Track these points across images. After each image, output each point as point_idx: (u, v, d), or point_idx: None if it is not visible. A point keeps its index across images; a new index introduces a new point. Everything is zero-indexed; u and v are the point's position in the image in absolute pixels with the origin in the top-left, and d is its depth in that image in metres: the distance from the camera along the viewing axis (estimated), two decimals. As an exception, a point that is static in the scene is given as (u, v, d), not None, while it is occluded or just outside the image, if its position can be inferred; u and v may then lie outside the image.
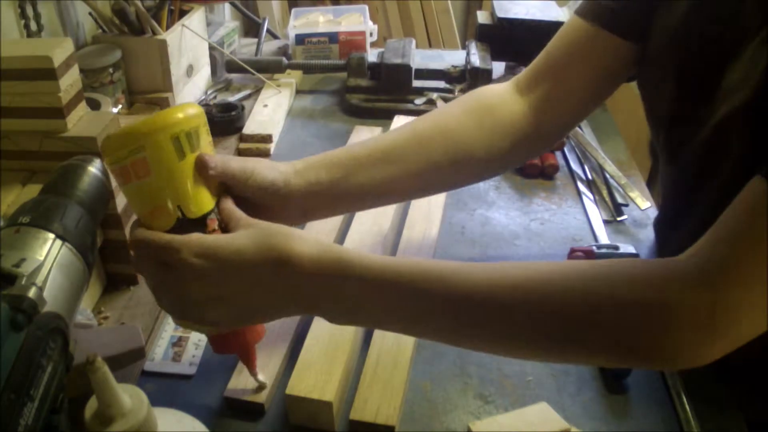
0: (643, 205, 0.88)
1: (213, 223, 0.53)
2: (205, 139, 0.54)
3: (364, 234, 0.78)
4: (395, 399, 0.61)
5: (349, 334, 0.65)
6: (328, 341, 0.65)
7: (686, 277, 0.46)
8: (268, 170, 0.58)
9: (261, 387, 0.62)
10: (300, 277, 0.50)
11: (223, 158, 0.55)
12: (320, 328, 0.66)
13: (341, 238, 0.80)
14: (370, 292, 0.51)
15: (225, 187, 0.56)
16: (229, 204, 0.55)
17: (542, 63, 0.72)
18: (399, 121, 1.01)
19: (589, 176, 0.96)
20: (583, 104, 0.72)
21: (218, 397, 0.64)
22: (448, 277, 0.50)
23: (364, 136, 1.00)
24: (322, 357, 0.63)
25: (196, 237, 0.50)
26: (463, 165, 0.68)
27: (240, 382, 0.63)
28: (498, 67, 1.19)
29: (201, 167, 0.53)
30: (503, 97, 0.72)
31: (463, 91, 1.12)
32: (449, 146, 0.67)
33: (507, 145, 0.69)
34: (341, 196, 0.62)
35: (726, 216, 0.47)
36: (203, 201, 0.53)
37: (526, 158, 0.86)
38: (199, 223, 0.53)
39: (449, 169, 0.67)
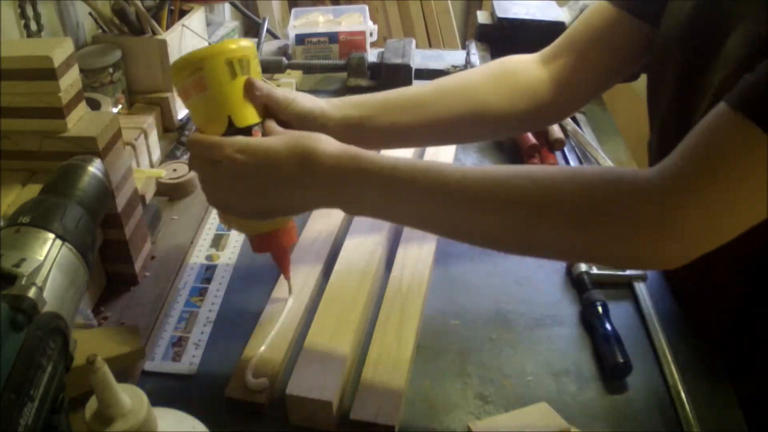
0: None
1: (257, 133, 0.62)
2: (255, 69, 0.64)
3: (365, 231, 0.78)
4: (395, 399, 0.61)
5: (349, 334, 0.66)
6: (328, 341, 0.65)
7: (647, 185, 0.51)
8: (307, 100, 0.67)
9: (261, 385, 0.62)
10: (321, 169, 0.57)
11: (269, 85, 0.65)
12: (320, 327, 0.66)
13: (343, 233, 0.80)
14: (379, 187, 0.57)
15: (270, 110, 0.65)
16: (271, 121, 0.64)
17: (565, 38, 0.77)
18: None
19: (589, 176, 0.96)
20: (600, 80, 0.77)
21: (218, 397, 0.64)
22: (446, 174, 0.56)
23: None
24: (322, 357, 0.63)
25: (238, 137, 0.60)
26: (481, 119, 0.74)
27: (241, 381, 0.63)
28: (498, 67, 1.19)
29: (249, 88, 0.62)
30: (527, 64, 0.77)
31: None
32: (469, 100, 0.73)
33: (524, 106, 0.75)
34: (369, 133, 0.70)
35: (688, 136, 0.51)
36: (249, 115, 0.63)
37: (542, 124, 0.90)
38: (245, 132, 0.62)
39: (467, 122, 0.74)
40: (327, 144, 0.59)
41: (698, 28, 0.62)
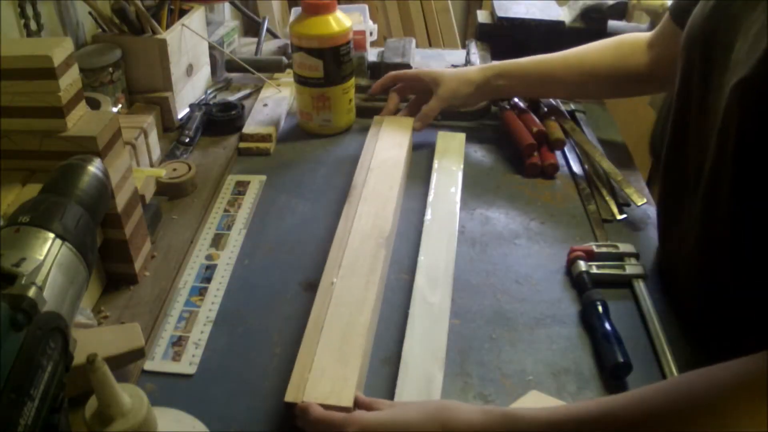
0: (639, 201, 0.88)
1: None
2: None
3: (365, 235, 0.78)
4: None
5: (360, 337, 0.65)
6: (339, 346, 0.64)
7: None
8: (452, 82, 0.99)
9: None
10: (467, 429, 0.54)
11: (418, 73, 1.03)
12: (331, 332, 0.66)
13: (344, 239, 0.80)
14: None
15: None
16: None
17: (655, 33, 0.93)
18: (379, 121, 1.02)
19: (590, 176, 0.96)
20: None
21: (218, 397, 0.64)
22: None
23: (390, 128, 1.01)
24: (336, 362, 0.62)
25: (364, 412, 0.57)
26: (600, 83, 0.98)
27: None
28: (498, 67, 1.19)
29: None
30: (640, 44, 0.94)
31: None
32: (593, 70, 0.96)
33: (629, 73, 0.94)
34: (507, 96, 1.06)
35: None
36: None
37: (639, 91, 1.04)
38: None
39: (590, 87, 0.99)
40: (464, 406, 0.56)
41: (711, 30, 0.63)
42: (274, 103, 1.13)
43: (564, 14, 1.18)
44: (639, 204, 0.88)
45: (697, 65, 0.66)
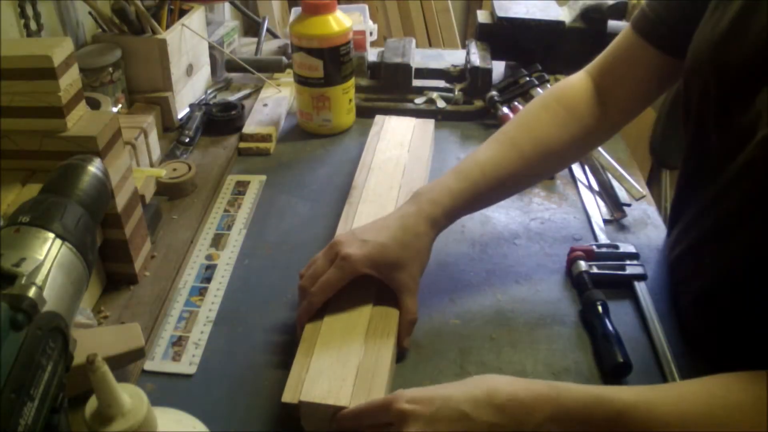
0: (637, 195, 0.88)
1: None
2: None
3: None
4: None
5: (359, 336, 0.65)
6: (338, 347, 0.64)
7: None
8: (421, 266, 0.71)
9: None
10: (513, 400, 0.54)
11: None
12: (330, 333, 0.66)
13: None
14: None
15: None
16: None
17: (601, 60, 0.79)
18: (379, 121, 1.03)
19: (589, 176, 0.96)
20: (631, 104, 0.77)
21: (218, 397, 0.64)
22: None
23: (393, 125, 1.01)
24: (334, 363, 0.62)
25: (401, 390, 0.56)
26: (550, 163, 0.79)
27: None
28: (498, 67, 1.19)
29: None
30: (577, 91, 0.78)
31: (463, 90, 1.12)
32: (544, 156, 0.75)
33: (575, 132, 0.76)
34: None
35: None
36: None
37: (587, 148, 0.87)
38: None
39: (542, 172, 0.82)
40: (506, 379, 0.56)
41: (728, 61, 0.60)
42: (274, 103, 1.13)
43: (564, 14, 1.18)
44: (637, 198, 0.88)
45: (713, 93, 0.62)
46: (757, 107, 0.56)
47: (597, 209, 0.90)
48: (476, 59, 1.12)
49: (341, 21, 1.00)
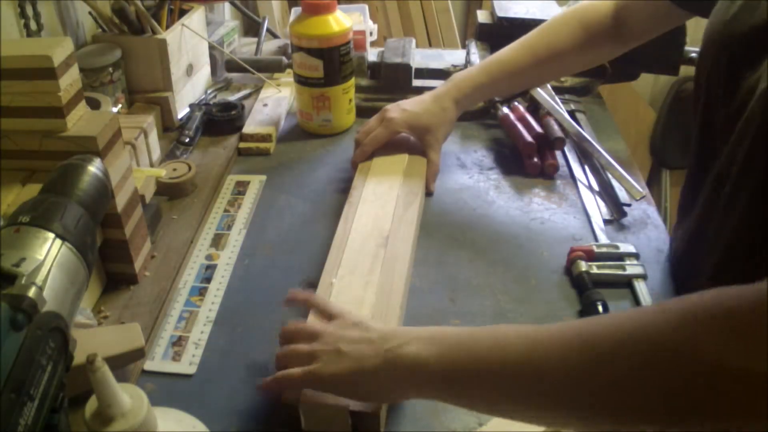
0: (637, 195, 0.88)
1: None
2: None
3: (365, 236, 0.78)
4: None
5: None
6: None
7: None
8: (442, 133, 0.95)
9: None
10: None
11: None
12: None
13: (344, 239, 0.80)
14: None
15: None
16: None
17: None
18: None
19: (589, 176, 0.96)
20: (642, 29, 0.89)
21: (218, 397, 0.64)
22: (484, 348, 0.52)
23: None
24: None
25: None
26: (561, 68, 0.97)
27: None
28: (498, 67, 1.19)
29: None
30: (597, 9, 0.90)
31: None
32: (557, 62, 0.92)
33: (592, 50, 0.92)
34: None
35: None
36: None
37: (606, 59, 1.00)
38: None
39: (553, 73, 1.01)
40: (415, 333, 0.56)
41: (738, 33, 0.62)
42: (274, 103, 1.13)
43: (564, 14, 1.18)
44: (637, 198, 0.88)
45: (723, 66, 0.64)
46: (759, 72, 0.58)
47: (597, 209, 0.89)
48: (476, 59, 1.12)
49: (341, 21, 1.00)
